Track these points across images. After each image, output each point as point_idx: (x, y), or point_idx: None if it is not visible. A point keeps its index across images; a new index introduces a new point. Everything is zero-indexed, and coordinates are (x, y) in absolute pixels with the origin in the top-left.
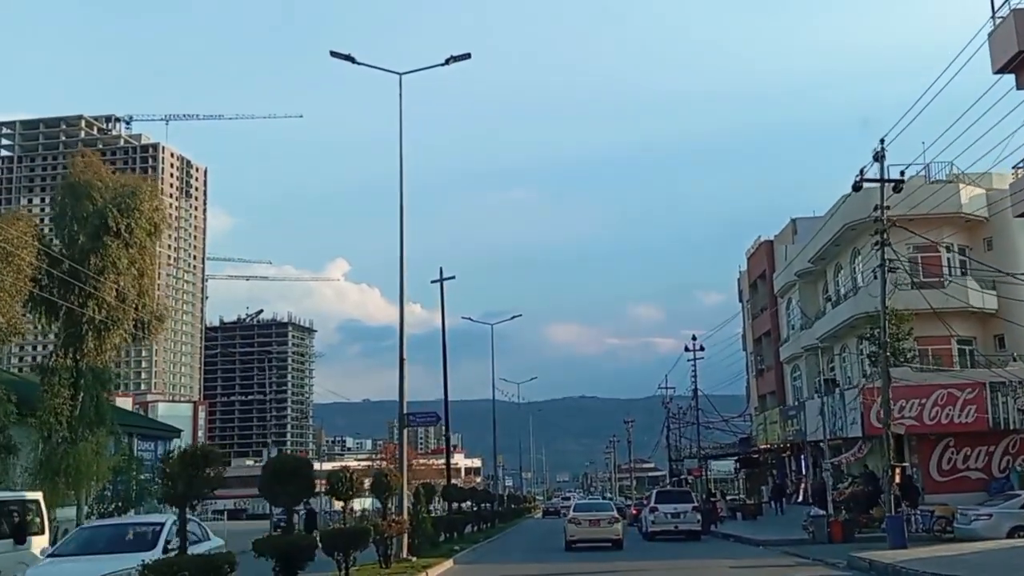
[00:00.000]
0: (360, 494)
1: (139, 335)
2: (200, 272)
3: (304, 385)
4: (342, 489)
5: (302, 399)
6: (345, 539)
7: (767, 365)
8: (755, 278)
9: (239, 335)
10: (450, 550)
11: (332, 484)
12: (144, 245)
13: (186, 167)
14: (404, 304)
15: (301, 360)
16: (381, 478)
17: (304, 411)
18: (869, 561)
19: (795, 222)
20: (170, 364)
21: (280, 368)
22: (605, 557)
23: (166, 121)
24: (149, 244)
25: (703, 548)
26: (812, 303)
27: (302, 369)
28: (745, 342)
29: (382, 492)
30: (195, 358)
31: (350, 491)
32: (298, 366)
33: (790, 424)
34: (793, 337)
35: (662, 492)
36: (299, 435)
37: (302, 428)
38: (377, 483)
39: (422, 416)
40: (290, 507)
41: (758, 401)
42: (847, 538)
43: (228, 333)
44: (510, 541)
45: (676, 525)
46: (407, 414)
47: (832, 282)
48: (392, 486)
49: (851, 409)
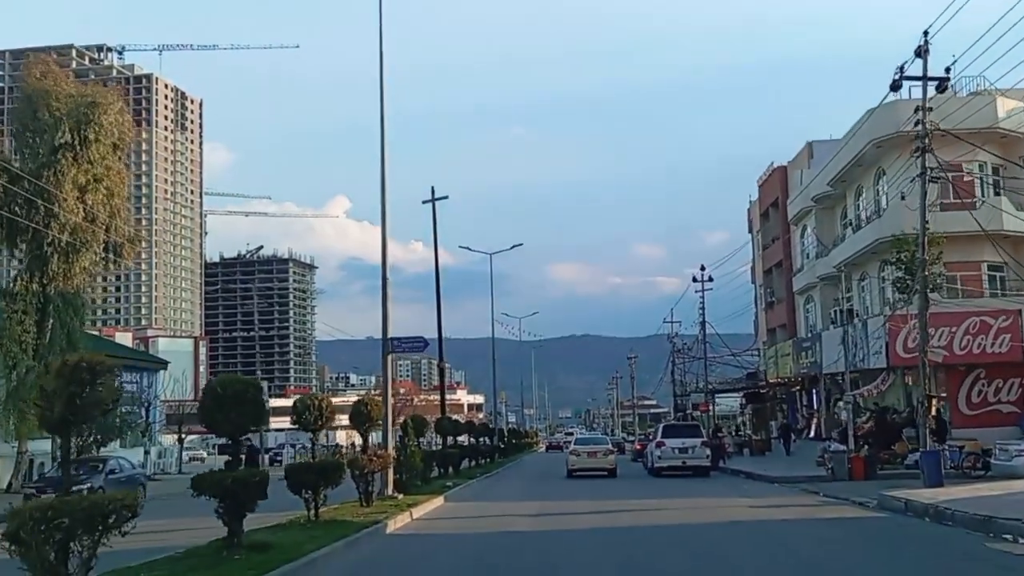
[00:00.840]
0: (331, 424)
1: (111, 258)
2: (198, 207)
3: (306, 321)
4: (309, 419)
5: (304, 336)
6: (313, 475)
7: (778, 298)
8: (767, 206)
9: (239, 271)
10: (442, 486)
11: (298, 413)
12: (109, 162)
13: (181, 99)
14: (386, 221)
15: (302, 296)
16: (360, 408)
17: (306, 348)
18: (905, 501)
19: (811, 145)
20: (170, 300)
21: (281, 304)
22: (609, 494)
23: (159, 51)
24: (114, 161)
25: (714, 485)
26: (829, 230)
27: (303, 305)
28: (754, 274)
29: (362, 423)
30: (195, 294)
31: (319, 421)
32: (299, 302)
33: (804, 357)
34: (808, 266)
35: (669, 426)
36: (302, 371)
37: (304, 365)
38: (356, 413)
39: (408, 341)
40: (235, 437)
41: (767, 335)
42: (869, 475)
43: (228, 269)
44: (508, 476)
45: (684, 461)
46: (391, 339)
47: (852, 206)
48: (373, 416)
49: (875, 339)
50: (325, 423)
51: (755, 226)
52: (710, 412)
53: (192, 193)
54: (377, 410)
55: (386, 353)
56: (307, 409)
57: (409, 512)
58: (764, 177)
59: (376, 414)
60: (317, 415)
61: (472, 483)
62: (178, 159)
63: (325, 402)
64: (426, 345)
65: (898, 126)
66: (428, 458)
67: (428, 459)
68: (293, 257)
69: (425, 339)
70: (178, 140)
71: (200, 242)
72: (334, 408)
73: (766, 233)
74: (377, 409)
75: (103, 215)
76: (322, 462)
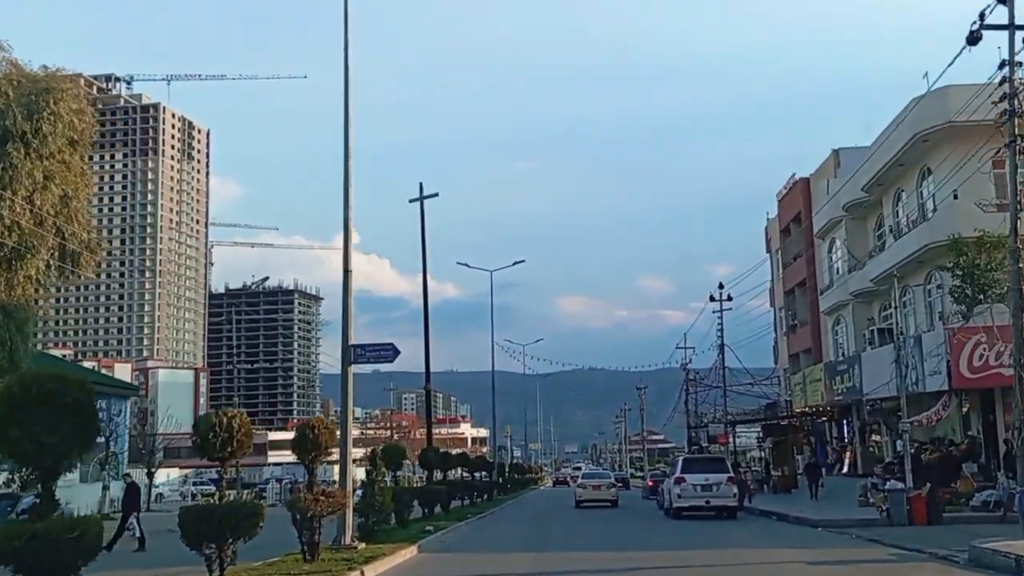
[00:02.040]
0: (244, 452)
1: (66, 268)
2: (203, 237)
3: (310, 354)
4: (213, 443)
5: (308, 368)
6: (215, 523)
7: (801, 320)
8: (788, 222)
9: (245, 302)
10: (421, 532)
11: (297, 442)
12: (65, 157)
13: (188, 129)
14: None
15: (307, 328)
16: (304, 432)
17: (311, 380)
18: (1016, 557)
19: (837, 153)
20: (172, 331)
21: (286, 336)
22: (622, 541)
23: (168, 81)
24: (73, 158)
25: (746, 529)
26: (861, 242)
27: (308, 337)
28: (773, 297)
29: (306, 452)
30: (199, 325)
31: (228, 447)
32: (304, 334)
33: (839, 382)
34: (838, 283)
35: (690, 459)
36: (305, 404)
37: (308, 397)
38: (300, 439)
39: (374, 349)
40: (45, 468)
41: (788, 361)
42: (933, 519)
43: (233, 300)
44: (505, 518)
45: (707, 500)
46: (353, 346)
47: (890, 213)
48: (322, 443)
49: (931, 357)
50: (322, 453)
51: (774, 244)
52: (729, 445)
53: (198, 223)
54: (328, 436)
55: (347, 362)
56: (305, 438)
57: (360, 571)
58: (784, 190)
59: (327, 441)
60: (313, 443)
61: (460, 526)
62: (184, 188)
63: (321, 428)
64: (395, 354)
65: (949, 116)
66: (406, 496)
67: (406, 497)
68: (298, 288)
69: (395, 346)
70: (184, 170)
71: (205, 273)
72: (333, 434)
73: (787, 251)
74: (329, 435)
75: (59, 218)
76: (228, 505)
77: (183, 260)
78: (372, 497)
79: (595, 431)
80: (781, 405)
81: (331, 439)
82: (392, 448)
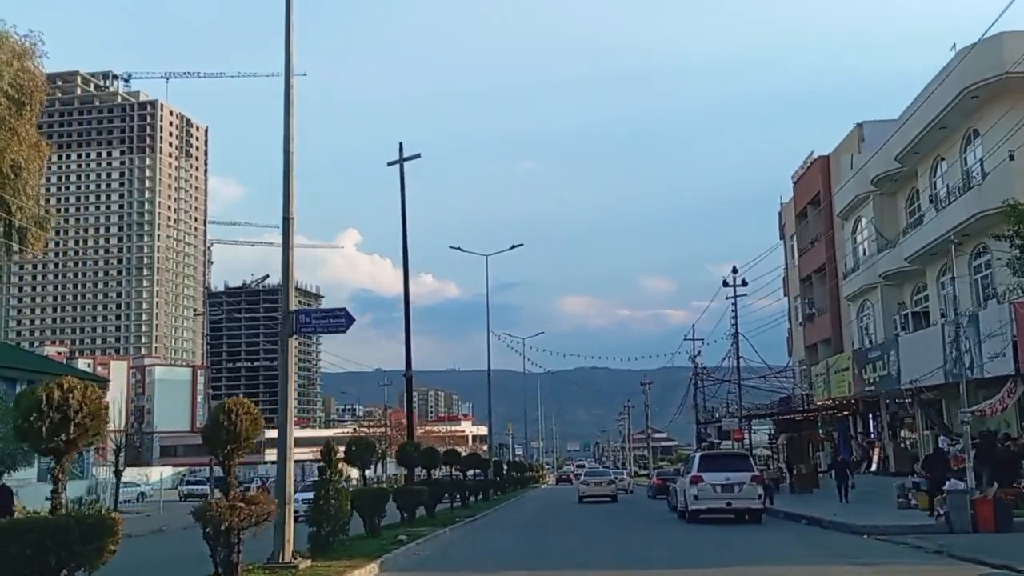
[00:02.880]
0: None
1: (11, 245)
2: (202, 235)
3: (311, 352)
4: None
5: (308, 366)
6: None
7: (819, 308)
8: (804, 204)
9: (244, 300)
10: (392, 542)
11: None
12: (11, 123)
13: (186, 126)
14: (291, 122)
15: None
16: (218, 417)
17: (311, 379)
18: None
19: (861, 127)
20: (171, 328)
21: None
22: (634, 555)
23: (166, 79)
24: (21, 124)
25: (777, 537)
26: (890, 220)
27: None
28: (787, 286)
29: (219, 445)
30: (197, 323)
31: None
32: None
33: (870, 371)
34: (864, 265)
35: (708, 456)
36: (306, 402)
37: (309, 396)
38: (212, 426)
39: (321, 316)
40: None
41: (805, 353)
42: (1002, 525)
43: (233, 299)
44: (499, 522)
45: (729, 502)
46: (295, 313)
47: (928, 186)
48: (242, 435)
49: (990, 337)
50: (241, 446)
51: (788, 230)
52: (744, 441)
53: (196, 221)
54: (251, 424)
55: (287, 332)
56: (218, 425)
57: None
58: (801, 171)
59: (248, 430)
60: (228, 433)
61: (443, 534)
62: (182, 186)
63: (241, 413)
64: (349, 321)
65: (1005, 67)
66: (374, 499)
67: (375, 500)
68: (298, 286)
69: (348, 312)
70: (182, 167)
71: (204, 271)
72: (257, 421)
73: (803, 236)
74: (251, 422)
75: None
76: (58, 520)
77: (181, 258)
78: (326, 501)
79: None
80: (797, 399)
81: (254, 427)
82: (359, 442)
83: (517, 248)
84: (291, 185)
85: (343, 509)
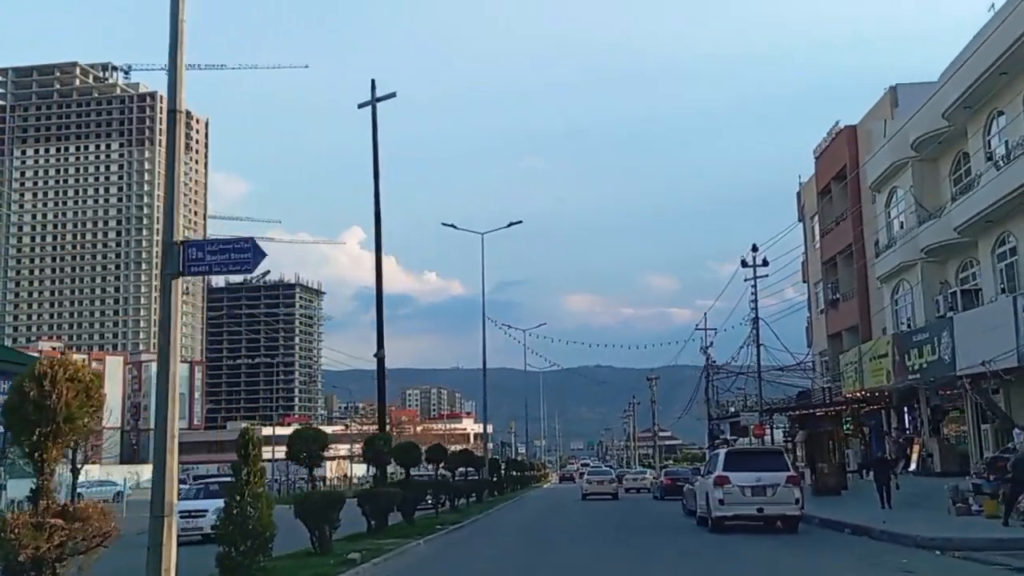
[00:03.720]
0: None
1: None
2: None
3: (312, 349)
4: None
5: (310, 363)
6: None
7: (843, 293)
8: (828, 180)
9: (245, 297)
10: (342, 562)
11: None
12: None
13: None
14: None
15: (309, 323)
16: (24, 382)
17: (312, 375)
18: None
19: (895, 90)
20: None
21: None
22: None
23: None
24: None
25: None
26: (931, 190)
27: (310, 332)
28: (806, 271)
29: (24, 429)
30: (196, 318)
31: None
32: (306, 329)
33: (915, 356)
34: (902, 240)
35: (736, 453)
36: (307, 400)
37: (310, 393)
38: (14, 400)
39: (219, 250)
40: None
41: (827, 342)
42: None
43: (234, 295)
44: (490, 530)
45: (761, 507)
46: (184, 244)
47: (982, 144)
48: (65, 413)
49: None
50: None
51: (808, 210)
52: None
53: (196, 215)
54: (83, 399)
55: (172, 271)
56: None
57: None
58: (825, 144)
59: (75, 408)
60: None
61: (414, 548)
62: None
63: (61, 380)
64: (257, 255)
65: None
66: (328, 506)
67: (328, 508)
68: (300, 282)
69: (255, 243)
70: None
71: None
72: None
73: (825, 216)
74: (85, 398)
75: None
76: None
77: None
78: (241, 511)
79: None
80: (817, 393)
81: (83, 402)
82: (303, 434)
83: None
84: (179, 67)
85: (264, 521)
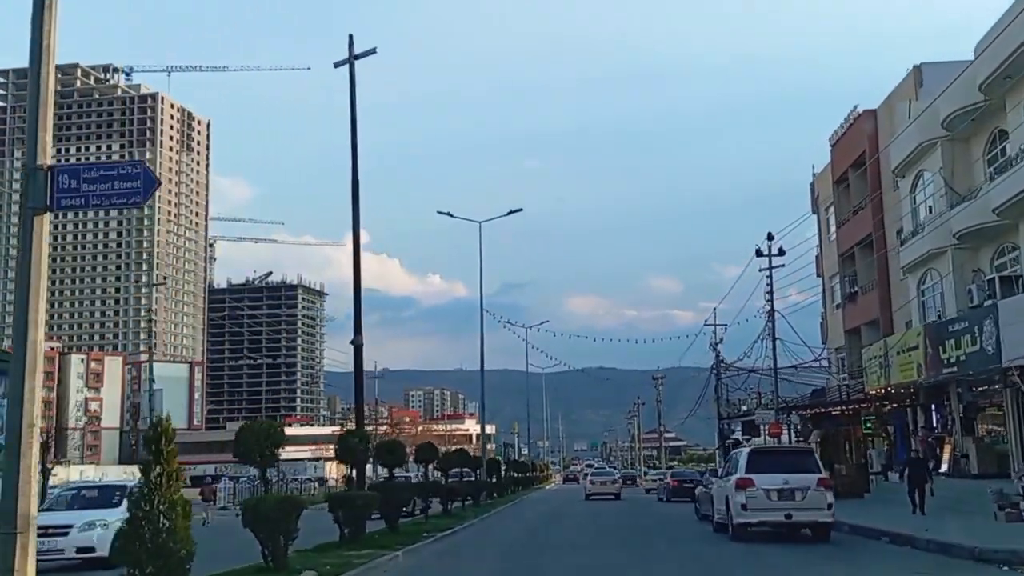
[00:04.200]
0: None
1: None
2: (203, 230)
3: (314, 350)
4: None
5: (312, 364)
6: None
7: (862, 286)
8: (846, 168)
9: (247, 298)
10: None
11: None
12: None
13: (187, 119)
14: None
15: (312, 324)
16: None
17: (315, 376)
18: None
19: (920, 69)
20: (171, 325)
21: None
22: None
23: (168, 72)
24: None
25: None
26: (962, 172)
27: (312, 333)
28: (820, 265)
29: None
30: (198, 319)
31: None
32: (308, 330)
33: (951, 348)
34: (931, 226)
35: (761, 453)
36: (309, 401)
37: (312, 394)
38: None
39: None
40: None
41: (844, 339)
42: None
43: (235, 295)
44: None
45: (789, 513)
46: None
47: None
48: None
49: None
50: None
51: (823, 201)
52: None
53: (197, 216)
54: None
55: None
56: None
57: None
58: (842, 130)
59: None
60: None
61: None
62: (183, 180)
63: None
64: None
65: None
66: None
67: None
68: (302, 283)
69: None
70: (183, 161)
71: (205, 267)
72: None
73: (842, 206)
74: None
75: None
76: None
77: (182, 254)
78: (149, 524)
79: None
80: (833, 391)
81: None
82: (254, 427)
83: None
84: None
85: (180, 535)
